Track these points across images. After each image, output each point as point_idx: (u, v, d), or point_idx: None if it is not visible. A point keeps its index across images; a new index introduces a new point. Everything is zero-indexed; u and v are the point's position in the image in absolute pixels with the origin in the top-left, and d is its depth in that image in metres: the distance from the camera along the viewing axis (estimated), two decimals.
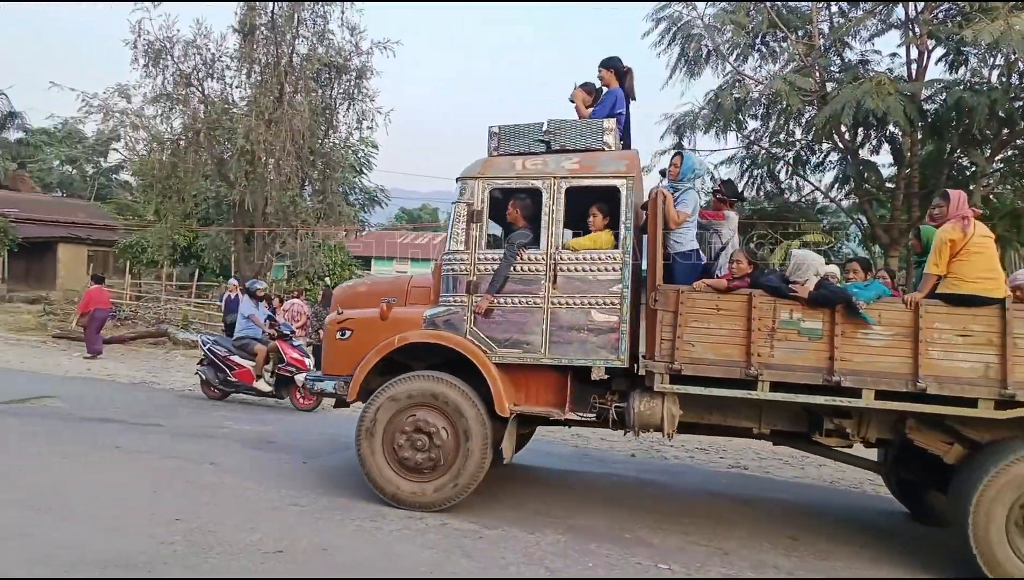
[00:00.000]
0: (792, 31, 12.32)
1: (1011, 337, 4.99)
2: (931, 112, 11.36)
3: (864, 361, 5.21)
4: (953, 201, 5.39)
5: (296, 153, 16.87)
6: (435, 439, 5.68)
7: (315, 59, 17.10)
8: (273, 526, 5.12)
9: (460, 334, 5.84)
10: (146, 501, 5.50)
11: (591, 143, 5.93)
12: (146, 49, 16.86)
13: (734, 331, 5.40)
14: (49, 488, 5.65)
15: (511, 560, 4.85)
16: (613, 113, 6.17)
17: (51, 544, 4.54)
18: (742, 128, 13.11)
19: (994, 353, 5.03)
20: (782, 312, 5.34)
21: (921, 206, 12.51)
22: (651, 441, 9.71)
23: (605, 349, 5.61)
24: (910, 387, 5.11)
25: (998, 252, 5.81)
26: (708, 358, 5.44)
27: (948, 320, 5.13)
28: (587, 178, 5.80)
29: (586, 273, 5.68)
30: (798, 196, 14.09)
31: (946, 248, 5.20)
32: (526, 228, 5.88)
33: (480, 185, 5.94)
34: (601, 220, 5.81)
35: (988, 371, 5.04)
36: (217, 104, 17.65)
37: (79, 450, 6.87)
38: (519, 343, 5.75)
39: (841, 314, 5.24)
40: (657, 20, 12.79)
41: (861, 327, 5.21)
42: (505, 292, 5.77)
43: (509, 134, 6.13)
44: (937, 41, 11.58)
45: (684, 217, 5.82)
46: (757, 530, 5.99)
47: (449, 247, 6.01)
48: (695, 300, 5.49)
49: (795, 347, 5.31)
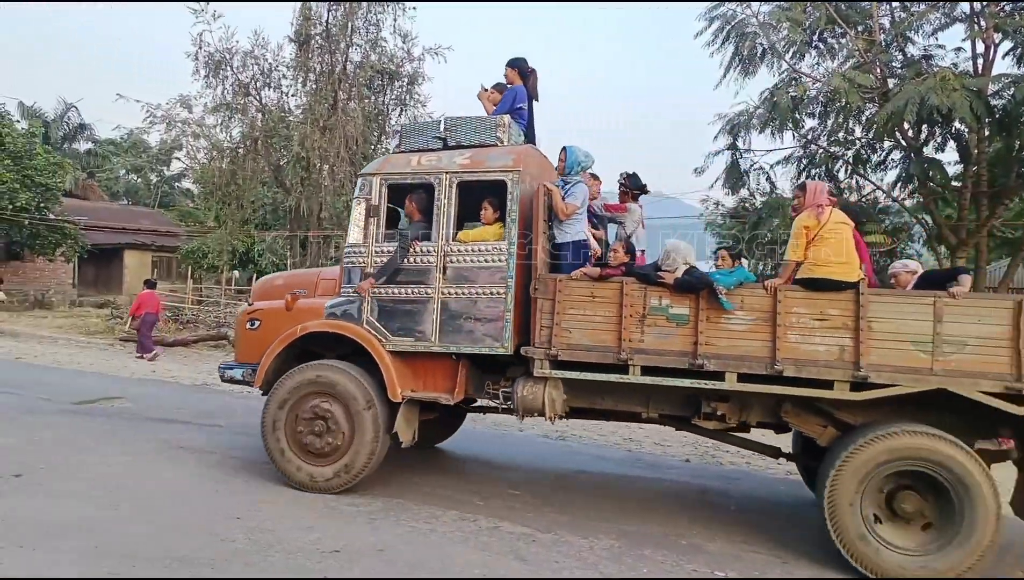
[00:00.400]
0: (851, 27, 11.97)
1: (865, 320, 5.12)
2: (999, 108, 10.89)
3: (727, 345, 5.39)
4: (809, 191, 5.57)
5: (350, 159, 17.16)
6: (331, 424, 5.96)
7: (368, 66, 17.40)
8: (330, 526, 5.22)
9: (357, 323, 6.12)
10: (208, 499, 5.66)
11: (485, 139, 6.20)
12: (206, 60, 17.39)
13: (607, 318, 5.61)
14: (115, 485, 5.86)
15: (564, 564, 4.84)
16: (514, 109, 6.52)
17: (114, 539, 4.72)
18: (799, 127, 12.79)
19: (849, 336, 5.17)
20: (651, 299, 5.55)
21: (990, 205, 12.04)
22: (706, 446, 9.56)
23: (491, 337, 5.81)
24: (769, 370, 5.27)
25: None
26: (584, 344, 5.66)
27: (806, 304, 5.28)
28: (476, 173, 6.04)
29: (474, 264, 5.93)
30: (858, 196, 13.67)
31: (802, 235, 5.37)
32: (422, 222, 6.14)
33: (378, 181, 6.24)
34: (492, 213, 6.02)
35: (843, 354, 5.18)
36: (274, 112, 18.11)
37: (144, 448, 7.11)
38: (412, 332, 6.00)
39: (705, 300, 5.41)
40: (710, 19, 12.61)
41: (724, 312, 5.39)
42: (399, 283, 6.06)
43: (410, 132, 6.55)
44: (1004, 35, 11.11)
45: (573, 209, 5.92)
46: (816, 539, 5.83)
47: (348, 240, 6.31)
48: (572, 288, 5.70)
49: (664, 332, 5.52)
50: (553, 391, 5.83)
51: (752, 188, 13.63)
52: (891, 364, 5.11)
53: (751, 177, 13.45)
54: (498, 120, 6.20)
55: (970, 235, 12.08)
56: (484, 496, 6.26)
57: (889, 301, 5.22)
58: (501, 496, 6.32)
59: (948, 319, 5.03)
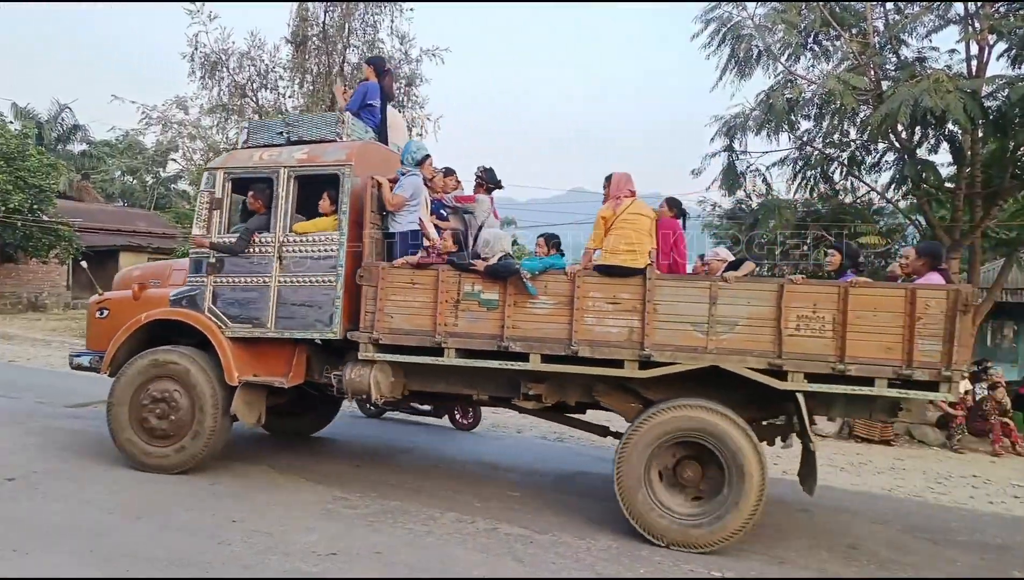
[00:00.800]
0: (846, 29, 11.99)
1: (651, 304, 5.47)
2: (993, 109, 10.92)
3: (532, 328, 5.73)
4: (613, 183, 5.94)
5: None
6: (172, 406, 6.22)
7: (365, 68, 17.39)
8: (327, 528, 5.21)
9: (200, 311, 6.40)
10: (203, 502, 5.65)
11: (325, 135, 6.52)
12: (203, 62, 17.36)
13: (425, 303, 5.94)
14: (110, 488, 5.85)
15: (562, 565, 4.84)
16: (365, 103, 7.01)
17: (110, 543, 4.71)
18: (794, 129, 12.78)
19: (637, 318, 5.51)
20: (465, 285, 5.86)
21: (984, 206, 12.08)
22: None
23: (322, 322, 6.11)
24: (567, 350, 5.58)
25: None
26: (404, 328, 5.98)
27: (601, 289, 5.62)
28: (312, 167, 6.34)
29: (308, 254, 6.22)
30: (853, 197, 13.69)
31: (600, 224, 5.75)
32: (263, 214, 6.40)
33: (221, 175, 6.56)
34: (329, 205, 6.28)
35: (632, 335, 5.53)
36: (271, 114, 18.08)
37: None
38: (250, 319, 6.29)
39: (513, 286, 5.72)
40: (706, 21, 12.60)
41: (531, 297, 5.71)
42: (240, 272, 6.35)
43: (257, 128, 6.89)
44: (999, 36, 11.13)
45: (400, 200, 6.19)
46: (815, 539, 5.86)
47: (194, 232, 6.62)
48: (394, 276, 6.02)
49: (476, 317, 5.85)
50: (379, 374, 6.11)
51: (749, 190, 13.64)
52: (672, 343, 5.47)
53: (747, 179, 13.45)
54: (338, 117, 6.56)
55: (964, 236, 12.11)
56: (482, 498, 6.26)
57: (672, 286, 5.56)
58: (499, 498, 6.33)
59: (722, 302, 5.39)
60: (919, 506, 7.36)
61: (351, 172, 6.16)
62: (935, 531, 6.37)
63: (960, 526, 6.63)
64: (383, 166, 6.59)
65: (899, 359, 5.10)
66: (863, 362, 5.15)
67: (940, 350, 5.04)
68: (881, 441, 10.69)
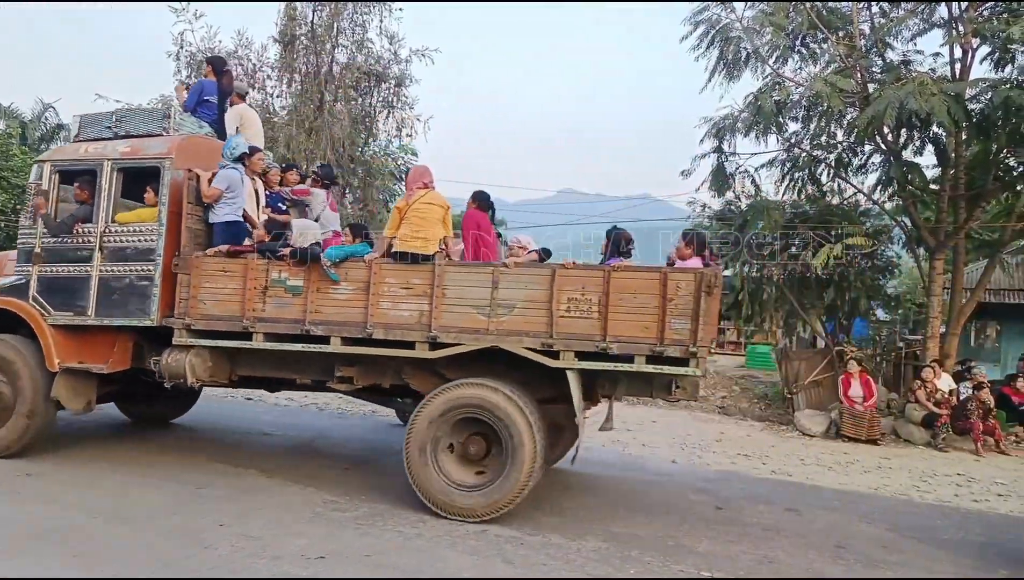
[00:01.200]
0: (833, 32, 12.08)
1: (439, 288, 5.81)
2: (976, 112, 11.04)
3: (333, 312, 6.04)
4: (409, 176, 6.42)
5: (336, 161, 17.06)
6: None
7: (354, 68, 17.28)
8: (316, 531, 5.19)
9: (25, 299, 6.61)
10: (190, 505, 5.62)
11: (152, 129, 6.76)
12: (188, 60, 17.22)
13: (236, 290, 6.20)
14: (96, 491, 5.81)
15: (552, 567, 4.84)
16: (201, 100, 7.40)
17: (96, 546, 4.68)
18: (782, 131, 12.86)
19: (427, 302, 5.83)
20: (273, 273, 6.14)
21: (968, 208, 12.20)
22: (692, 448, 9.62)
23: (141, 310, 6.34)
24: (363, 333, 5.91)
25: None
26: (215, 314, 6.24)
27: (395, 275, 5.95)
28: (134, 160, 6.57)
29: (128, 244, 6.45)
30: (840, 199, 13.77)
31: (396, 214, 6.13)
32: (89, 204, 6.58)
33: (48, 168, 6.82)
34: (153, 197, 6.49)
35: (422, 318, 5.86)
36: (259, 113, 17.99)
37: (125, 455, 7.05)
38: (72, 306, 6.50)
39: (316, 273, 6.02)
40: (695, 23, 12.67)
41: (333, 283, 6.00)
42: (64, 261, 6.56)
43: (88, 122, 7.01)
44: (982, 39, 11.26)
45: (216, 193, 6.38)
46: (803, 538, 5.89)
47: (22, 223, 6.90)
48: (206, 264, 6.28)
49: (283, 302, 6.13)
50: (195, 359, 6.29)
51: (738, 191, 13.71)
52: (457, 326, 5.80)
53: (736, 180, 13.53)
54: (164, 112, 6.87)
55: (948, 237, 12.24)
56: None
57: (458, 271, 5.90)
58: None
59: (502, 286, 5.73)
60: (905, 504, 7.42)
61: (171, 165, 6.40)
62: (921, 529, 6.42)
63: (945, 524, 6.69)
64: (211, 160, 6.74)
65: (654, 337, 5.48)
66: (624, 341, 5.53)
67: (689, 328, 5.44)
68: (868, 440, 10.77)
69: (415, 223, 5.97)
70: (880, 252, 13.32)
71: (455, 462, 5.82)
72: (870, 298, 13.46)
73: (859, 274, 12.77)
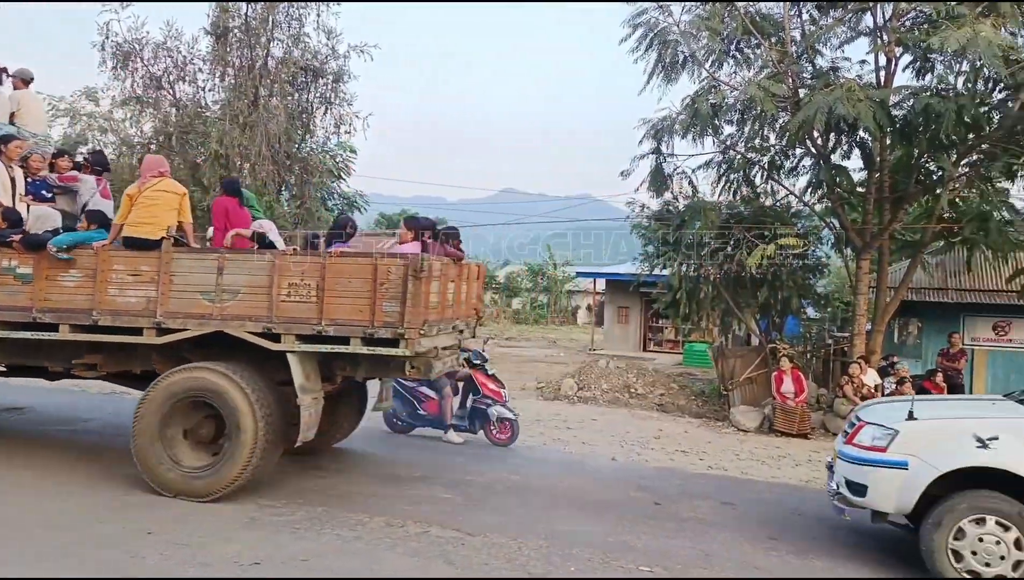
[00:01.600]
0: (766, 38, 12.43)
1: (166, 275, 5.90)
2: (900, 118, 11.51)
3: (62, 300, 6.07)
4: (143, 165, 6.49)
5: (272, 158, 16.64)
6: None
7: (291, 62, 16.87)
8: (250, 537, 5.04)
9: None
10: (116, 513, 5.38)
11: None
12: (114, 51, 16.50)
13: None
14: (16, 500, 5.52)
15: (493, 566, 4.82)
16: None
17: (31, 555, 4.43)
18: (718, 133, 13.18)
19: (155, 289, 5.92)
20: (3, 261, 6.13)
21: (892, 210, 12.71)
22: (631, 445, 9.74)
23: None
24: (90, 320, 5.95)
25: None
26: None
27: (124, 262, 6.03)
28: None
29: None
30: (773, 200, 14.20)
31: (126, 201, 6.10)
32: None
33: None
34: None
35: (149, 304, 5.93)
36: (189, 108, 17.36)
37: (49, 460, 6.71)
38: None
39: (47, 260, 6.02)
40: (634, 26, 12.84)
41: (62, 271, 6.03)
42: None
43: None
44: (905, 48, 11.75)
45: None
46: (738, 531, 6.03)
47: None
48: None
49: (12, 290, 6.12)
50: None
51: (675, 191, 13.97)
52: (184, 311, 5.91)
53: (674, 181, 13.79)
54: None
55: (874, 238, 12.72)
56: (413, 501, 6.18)
57: (186, 258, 6.01)
58: (431, 501, 6.26)
59: (227, 272, 5.87)
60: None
61: None
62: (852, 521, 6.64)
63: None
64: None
65: (367, 320, 5.72)
66: (340, 323, 5.76)
67: (398, 311, 5.66)
68: (799, 435, 11.11)
69: (146, 209, 6.02)
70: (810, 252, 13.77)
71: (189, 447, 5.89)
72: (801, 297, 13.89)
73: (791, 274, 13.18)
